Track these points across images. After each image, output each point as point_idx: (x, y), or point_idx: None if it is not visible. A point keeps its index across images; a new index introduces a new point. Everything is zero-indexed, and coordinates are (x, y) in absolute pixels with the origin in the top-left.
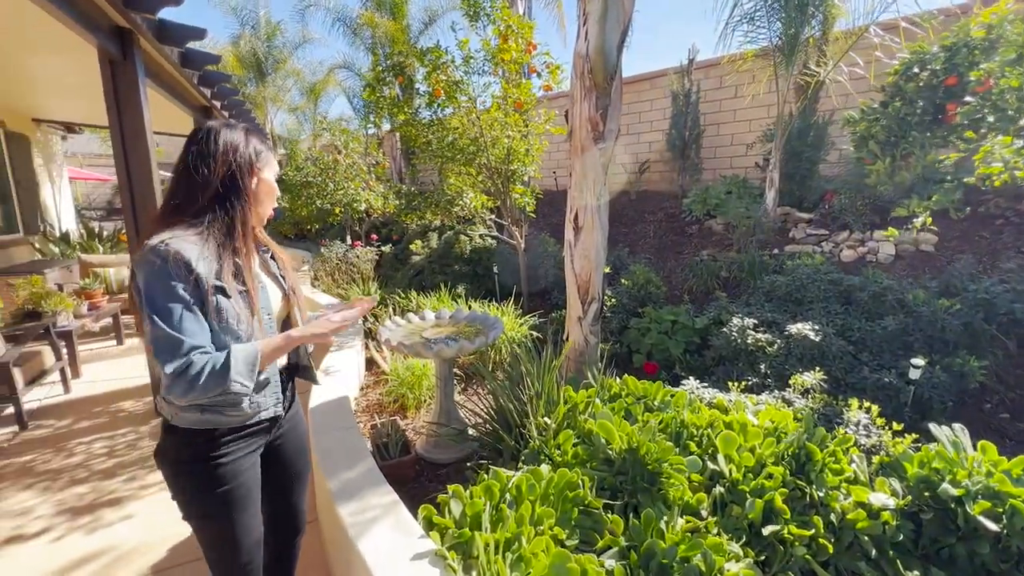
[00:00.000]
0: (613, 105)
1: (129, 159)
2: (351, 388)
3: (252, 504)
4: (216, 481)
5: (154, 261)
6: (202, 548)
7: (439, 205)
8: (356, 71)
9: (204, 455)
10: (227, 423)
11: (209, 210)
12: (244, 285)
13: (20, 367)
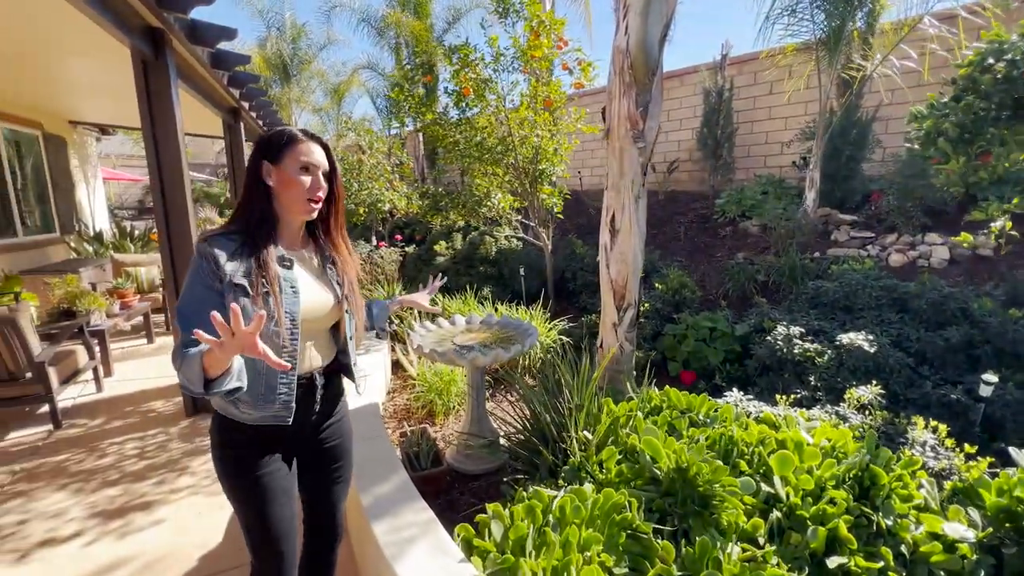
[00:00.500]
0: (654, 102)
1: (161, 159)
2: (379, 392)
3: (273, 499)
4: (235, 469)
5: (196, 256)
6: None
7: (466, 206)
8: (379, 71)
9: (228, 442)
10: (240, 417)
11: (243, 212)
12: (266, 286)
13: (55, 366)
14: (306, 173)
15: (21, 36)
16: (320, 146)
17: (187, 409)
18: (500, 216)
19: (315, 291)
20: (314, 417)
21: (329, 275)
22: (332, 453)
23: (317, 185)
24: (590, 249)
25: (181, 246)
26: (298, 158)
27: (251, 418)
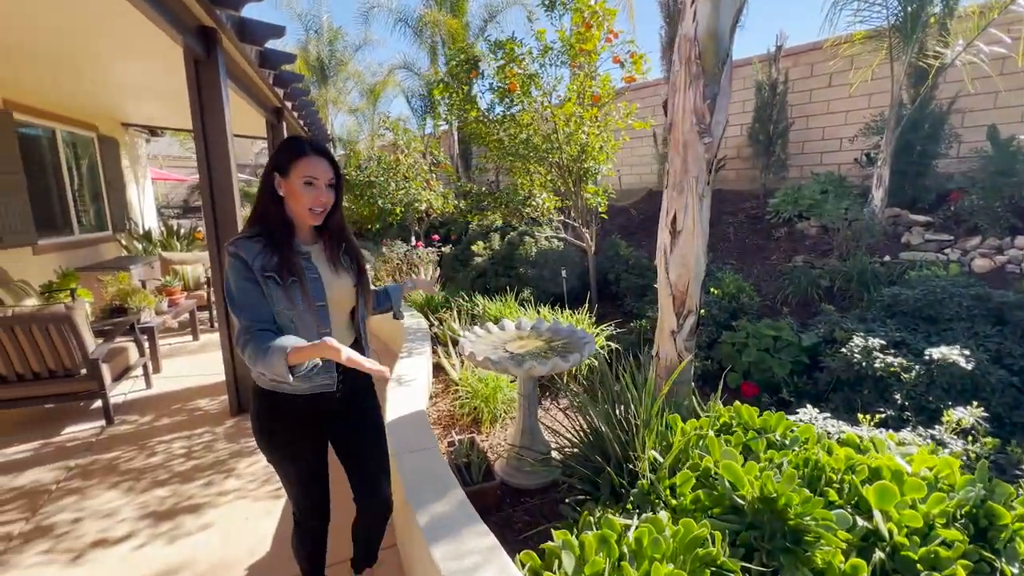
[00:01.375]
0: (722, 94)
1: (211, 159)
2: (422, 398)
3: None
4: (275, 436)
5: (230, 258)
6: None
7: (508, 206)
8: (415, 71)
9: (269, 414)
10: (286, 390)
11: (262, 216)
12: (293, 276)
13: (108, 363)
14: (309, 187)
15: (78, 40)
16: (324, 158)
17: (231, 409)
18: (543, 216)
19: (333, 278)
20: (340, 393)
21: (343, 263)
22: (368, 424)
23: (319, 198)
24: (635, 250)
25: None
26: (303, 173)
27: (301, 390)
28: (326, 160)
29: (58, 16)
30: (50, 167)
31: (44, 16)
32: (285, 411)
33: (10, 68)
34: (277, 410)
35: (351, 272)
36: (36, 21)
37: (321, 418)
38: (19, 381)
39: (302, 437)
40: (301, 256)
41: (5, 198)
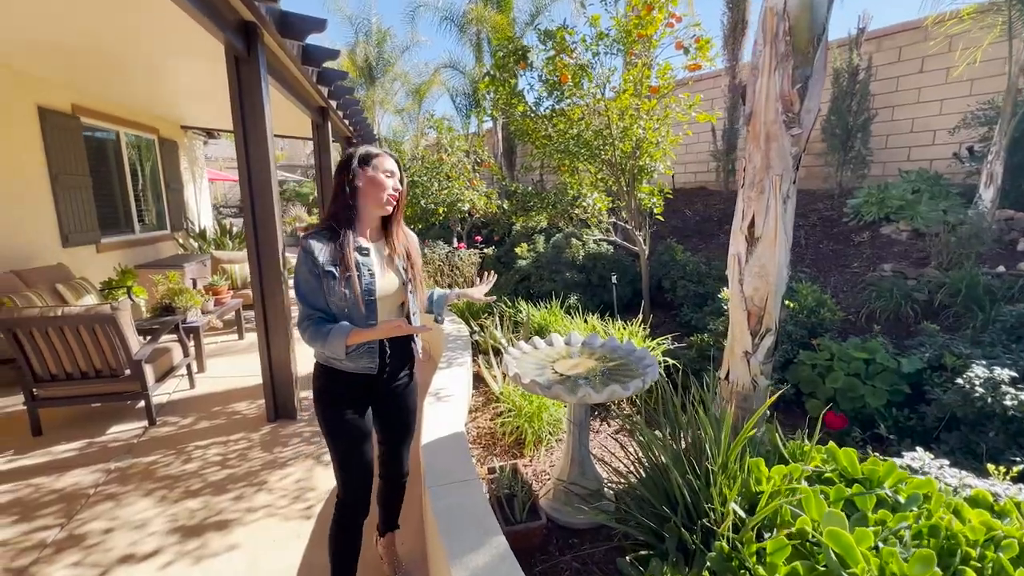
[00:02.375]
0: (815, 77)
1: (251, 158)
2: (461, 416)
3: (355, 436)
4: (329, 408)
5: (300, 250)
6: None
7: (556, 207)
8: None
9: (326, 387)
10: (340, 368)
11: (334, 213)
12: (349, 271)
13: (152, 364)
14: (389, 176)
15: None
16: (393, 159)
17: (268, 415)
18: (592, 219)
19: (385, 275)
20: (386, 374)
21: (397, 263)
22: (401, 404)
23: (396, 186)
24: (692, 255)
25: (267, 239)
26: (383, 165)
27: (349, 368)
28: (395, 160)
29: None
30: (114, 169)
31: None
32: (339, 384)
33: (77, 72)
34: (334, 382)
35: (403, 271)
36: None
37: (368, 394)
38: (68, 380)
39: (352, 409)
40: (360, 252)
41: (72, 199)
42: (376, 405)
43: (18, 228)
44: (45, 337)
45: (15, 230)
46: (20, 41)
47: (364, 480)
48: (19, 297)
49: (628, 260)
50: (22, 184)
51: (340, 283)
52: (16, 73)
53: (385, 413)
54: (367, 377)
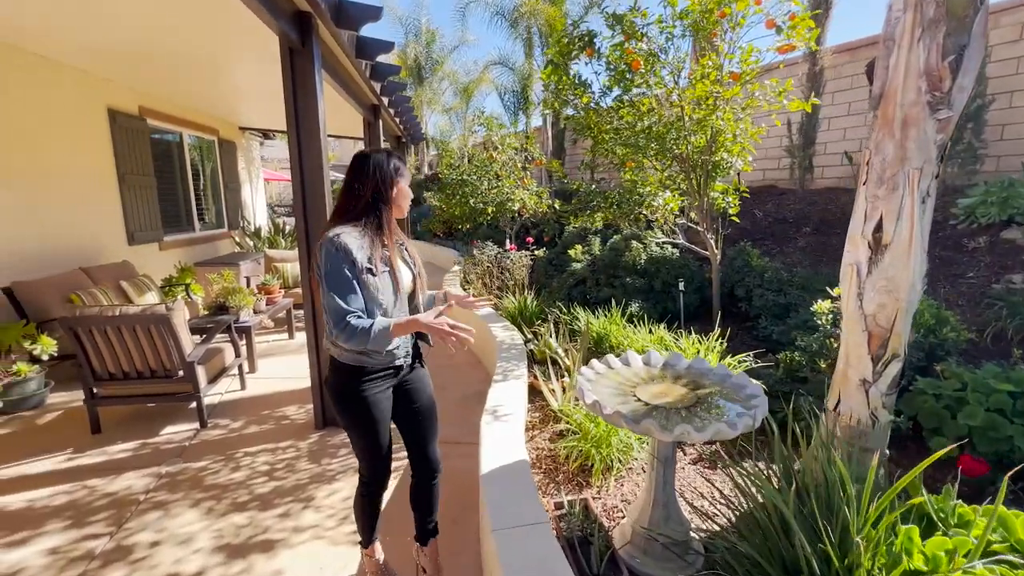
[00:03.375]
0: (973, 47)
1: (303, 155)
2: (522, 440)
3: (383, 427)
4: (359, 405)
5: (331, 248)
6: (353, 449)
7: (622, 206)
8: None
9: (354, 386)
10: (372, 364)
11: (364, 213)
12: (388, 267)
13: (204, 365)
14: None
15: (194, 41)
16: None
17: (317, 421)
18: (661, 220)
19: (404, 270)
20: (410, 369)
21: (405, 256)
22: (417, 396)
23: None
24: (770, 260)
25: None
26: (407, 176)
27: (378, 363)
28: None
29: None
30: (177, 169)
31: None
32: (365, 383)
33: (144, 75)
34: (359, 379)
35: (411, 265)
36: (161, 23)
37: (394, 387)
38: (125, 379)
39: (377, 405)
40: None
41: (138, 199)
42: (400, 400)
43: (88, 227)
44: (104, 336)
45: (85, 229)
46: (91, 44)
47: (386, 464)
48: (86, 294)
49: (695, 265)
50: (92, 184)
51: (380, 280)
52: (88, 76)
53: (411, 408)
54: (395, 371)
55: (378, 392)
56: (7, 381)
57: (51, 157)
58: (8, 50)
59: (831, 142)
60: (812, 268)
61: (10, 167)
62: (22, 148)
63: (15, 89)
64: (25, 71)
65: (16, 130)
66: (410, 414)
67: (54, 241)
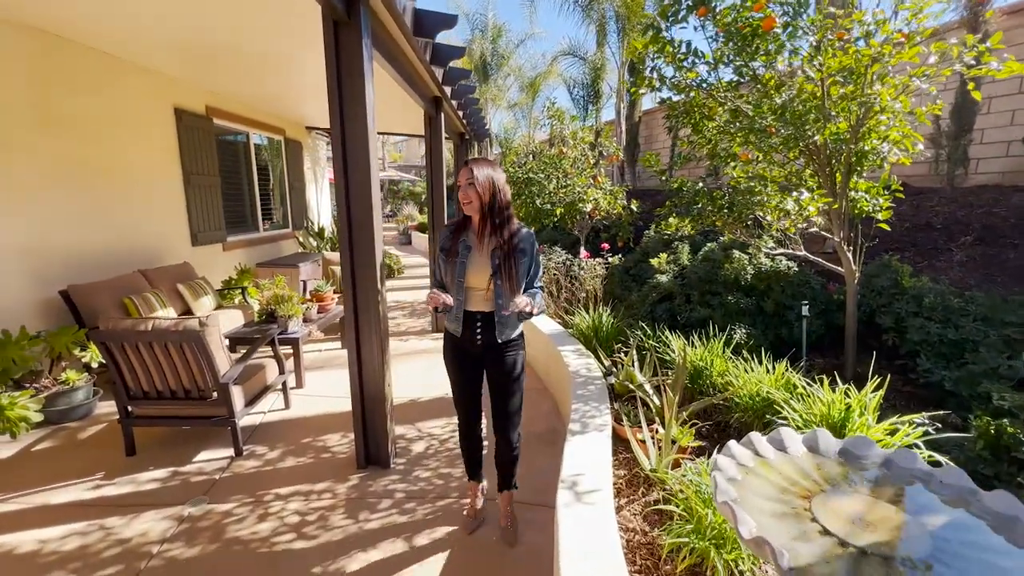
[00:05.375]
0: None
1: (348, 150)
2: (610, 529)
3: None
4: (445, 358)
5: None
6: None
7: (733, 209)
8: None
9: (444, 342)
10: (447, 328)
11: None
12: (451, 256)
13: (242, 384)
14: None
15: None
16: (467, 167)
17: (358, 458)
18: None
19: (478, 263)
20: (479, 340)
21: (493, 255)
22: (499, 370)
23: (464, 194)
24: (934, 280)
25: (364, 242)
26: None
27: (449, 327)
28: (467, 167)
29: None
30: (243, 169)
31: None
32: (448, 342)
33: (210, 73)
34: (446, 339)
35: (495, 264)
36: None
37: (470, 355)
38: (159, 398)
39: (456, 365)
40: (463, 244)
41: (202, 199)
42: (487, 373)
43: (152, 228)
44: (136, 352)
45: (149, 229)
46: (160, 42)
47: (466, 414)
48: (139, 298)
49: (817, 283)
50: (157, 185)
51: (448, 265)
52: (155, 75)
53: (490, 384)
54: (459, 339)
55: (452, 352)
56: (55, 391)
57: (117, 158)
58: (78, 49)
59: (990, 128)
60: (980, 289)
61: (77, 168)
62: (89, 149)
63: (83, 89)
64: (94, 71)
65: (84, 131)
66: (490, 383)
67: (117, 242)
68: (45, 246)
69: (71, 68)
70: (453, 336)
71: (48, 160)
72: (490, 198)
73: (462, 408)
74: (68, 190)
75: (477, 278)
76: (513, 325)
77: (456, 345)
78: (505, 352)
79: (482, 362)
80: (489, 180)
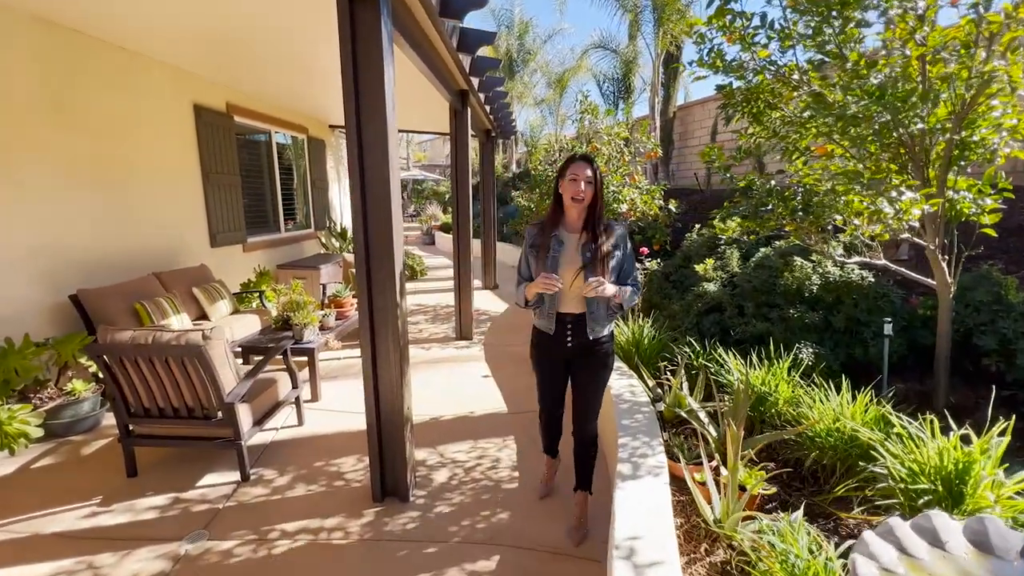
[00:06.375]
0: None
1: (364, 145)
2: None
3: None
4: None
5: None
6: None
7: (808, 211)
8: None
9: (533, 337)
10: (537, 324)
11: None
12: (541, 251)
13: (250, 402)
14: (573, 183)
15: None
16: (585, 162)
17: (374, 490)
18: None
19: (571, 261)
20: (570, 342)
21: (584, 248)
22: (587, 371)
23: (577, 189)
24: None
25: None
26: (568, 172)
27: (540, 325)
28: (585, 162)
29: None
30: (265, 168)
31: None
32: (536, 340)
33: (231, 69)
34: (535, 337)
35: (586, 257)
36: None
37: (559, 355)
38: (160, 416)
39: (544, 361)
40: (556, 239)
41: (222, 199)
42: (572, 371)
43: (169, 228)
44: (135, 367)
45: (166, 230)
46: (177, 35)
47: (547, 405)
48: (151, 303)
49: (897, 296)
50: (175, 184)
51: (537, 260)
52: (173, 70)
53: (575, 381)
54: (549, 336)
55: (540, 348)
56: (60, 402)
57: (134, 156)
58: (93, 44)
59: None
60: None
61: (91, 166)
62: (104, 146)
63: (98, 85)
64: (109, 66)
65: (100, 128)
66: (574, 389)
67: (133, 243)
68: (57, 247)
69: (86, 63)
70: (543, 334)
71: (62, 158)
72: (596, 194)
73: (547, 404)
74: (82, 189)
75: (570, 271)
76: (603, 322)
77: (545, 344)
78: (595, 352)
79: (570, 362)
80: (602, 178)
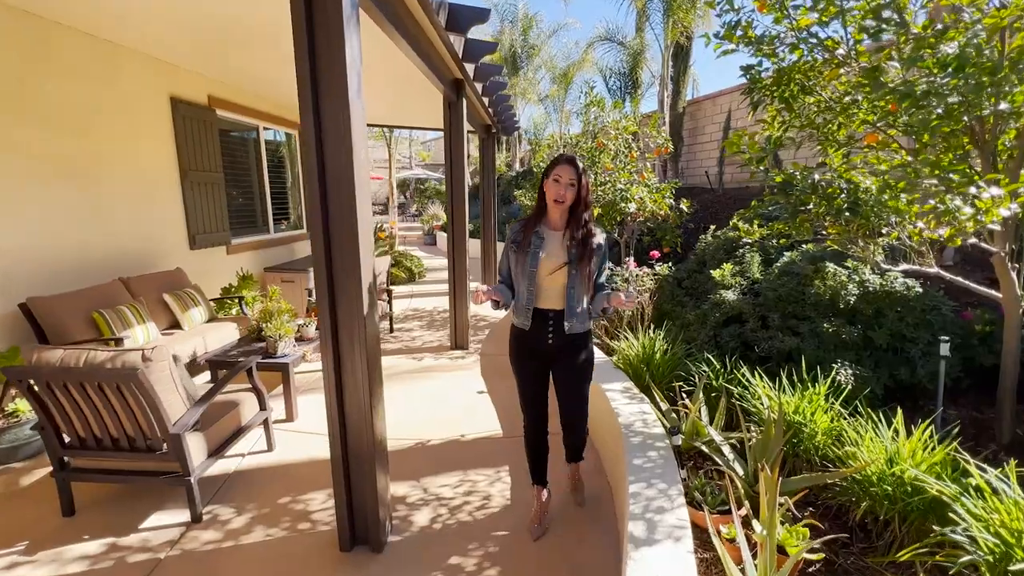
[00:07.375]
0: None
1: (325, 141)
2: None
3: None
4: (512, 355)
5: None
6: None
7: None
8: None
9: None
10: (515, 322)
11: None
12: (522, 248)
13: (206, 430)
14: (555, 183)
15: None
16: (569, 164)
17: (341, 540)
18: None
19: (553, 256)
20: (550, 339)
21: (573, 248)
22: (568, 367)
23: (559, 191)
24: None
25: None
26: (552, 173)
27: (516, 322)
28: (569, 164)
29: None
30: (252, 165)
31: None
32: (515, 339)
33: (213, 60)
34: (513, 337)
35: (571, 255)
36: None
37: (539, 353)
38: (98, 448)
39: (524, 361)
40: (537, 236)
41: (203, 197)
42: (554, 370)
43: (141, 229)
44: (65, 393)
45: (137, 231)
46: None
47: (532, 414)
48: (112, 312)
49: (949, 310)
50: (148, 181)
51: (517, 256)
52: (147, 59)
53: (558, 381)
54: (526, 333)
55: (519, 348)
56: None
57: (102, 151)
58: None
59: None
60: None
61: (54, 161)
62: (68, 141)
63: (63, 75)
64: (75, 54)
65: (63, 121)
66: (557, 388)
67: (99, 246)
68: (7, 249)
69: (47, 50)
70: (521, 331)
71: (20, 152)
72: (579, 196)
73: (529, 407)
74: (38, 186)
75: (550, 265)
76: (584, 319)
77: (524, 342)
78: (575, 347)
79: (551, 360)
80: (588, 181)
